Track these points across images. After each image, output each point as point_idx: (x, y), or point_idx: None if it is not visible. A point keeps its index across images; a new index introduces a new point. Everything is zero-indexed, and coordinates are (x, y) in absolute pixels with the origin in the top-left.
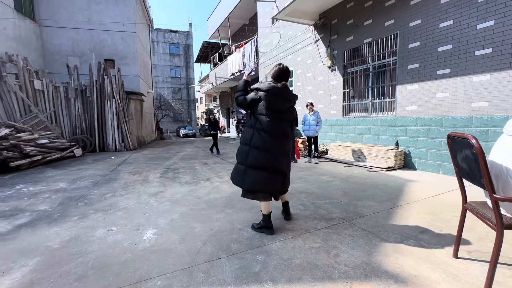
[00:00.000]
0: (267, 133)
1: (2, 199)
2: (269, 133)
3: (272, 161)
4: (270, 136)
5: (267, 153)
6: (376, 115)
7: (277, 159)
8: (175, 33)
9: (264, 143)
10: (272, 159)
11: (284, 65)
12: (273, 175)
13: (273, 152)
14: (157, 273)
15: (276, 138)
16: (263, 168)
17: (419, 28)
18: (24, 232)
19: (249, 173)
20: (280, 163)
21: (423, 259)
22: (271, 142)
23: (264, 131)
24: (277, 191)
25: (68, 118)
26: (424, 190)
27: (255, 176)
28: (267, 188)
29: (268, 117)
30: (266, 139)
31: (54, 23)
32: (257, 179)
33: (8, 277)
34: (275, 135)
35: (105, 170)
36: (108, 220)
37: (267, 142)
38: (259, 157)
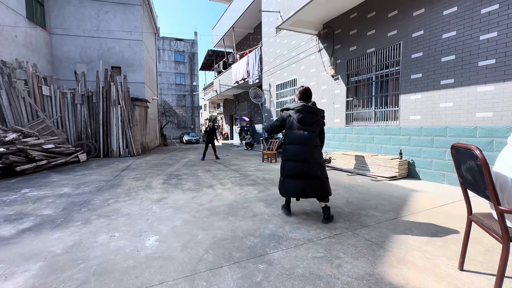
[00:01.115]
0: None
1: (7, 203)
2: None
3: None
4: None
5: (291, 162)
6: (380, 124)
7: (298, 166)
8: (181, 41)
9: (289, 154)
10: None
11: (306, 86)
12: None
13: (296, 160)
14: (158, 281)
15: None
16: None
17: (422, 39)
18: (27, 236)
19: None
20: (300, 169)
21: (428, 271)
22: (295, 152)
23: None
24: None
25: (74, 123)
26: (428, 201)
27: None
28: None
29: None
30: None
31: (63, 31)
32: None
33: (11, 282)
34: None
35: (108, 175)
36: (111, 226)
37: (292, 152)
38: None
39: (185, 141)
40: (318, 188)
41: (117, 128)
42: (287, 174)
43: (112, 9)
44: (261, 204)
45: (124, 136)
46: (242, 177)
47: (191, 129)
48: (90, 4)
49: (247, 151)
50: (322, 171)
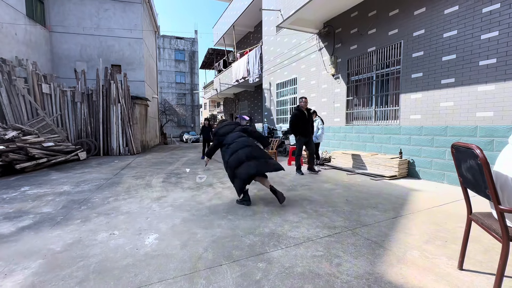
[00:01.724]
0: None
1: (6, 201)
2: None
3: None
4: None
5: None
6: (380, 123)
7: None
8: (181, 39)
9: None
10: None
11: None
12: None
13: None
14: (158, 279)
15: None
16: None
17: (423, 38)
18: (27, 234)
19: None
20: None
21: (428, 271)
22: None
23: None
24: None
25: (74, 121)
26: (428, 200)
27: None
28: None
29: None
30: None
31: (63, 29)
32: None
33: (10, 279)
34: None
35: (108, 174)
36: (111, 224)
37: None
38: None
39: (185, 139)
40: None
41: (117, 126)
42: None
43: (112, 7)
44: (260, 202)
45: (124, 134)
46: None
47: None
48: (90, 2)
49: None
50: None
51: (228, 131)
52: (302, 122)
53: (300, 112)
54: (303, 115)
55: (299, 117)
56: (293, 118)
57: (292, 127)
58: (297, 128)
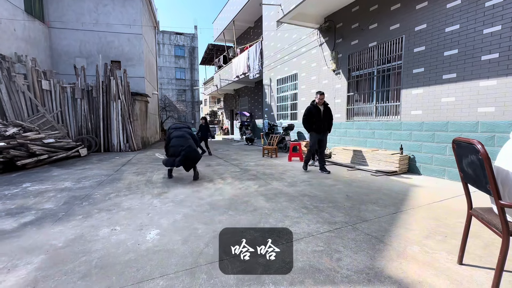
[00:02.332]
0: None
1: (8, 197)
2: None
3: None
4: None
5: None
6: (381, 119)
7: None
8: (181, 35)
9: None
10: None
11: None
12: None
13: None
14: (159, 274)
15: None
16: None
17: (424, 33)
18: (29, 230)
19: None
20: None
21: (427, 265)
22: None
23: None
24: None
25: (74, 118)
26: (428, 196)
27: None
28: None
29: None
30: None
31: (62, 25)
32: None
33: (14, 274)
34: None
35: (109, 170)
36: (112, 219)
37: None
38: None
39: None
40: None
41: (118, 122)
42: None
43: (111, 2)
44: (261, 198)
45: (124, 130)
46: (242, 172)
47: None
48: None
49: (247, 146)
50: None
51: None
52: (316, 118)
53: (314, 107)
54: (317, 111)
55: (312, 113)
56: (305, 113)
57: (304, 122)
58: (309, 123)
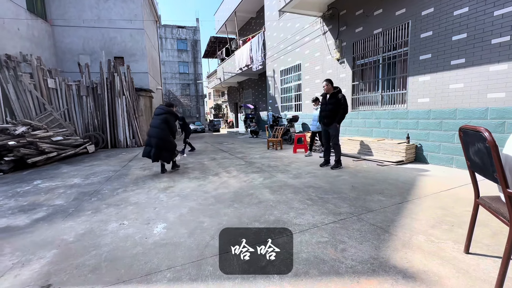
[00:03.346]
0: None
1: (20, 194)
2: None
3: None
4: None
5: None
6: (387, 108)
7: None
8: (183, 28)
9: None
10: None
11: (168, 101)
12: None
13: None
14: (166, 266)
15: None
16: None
17: (432, 17)
18: (41, 225)
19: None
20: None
21: (433, 255)
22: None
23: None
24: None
25: (81, 115)
26: (435, 185)
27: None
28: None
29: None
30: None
31: (65, 22)
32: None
33: (28, 268)
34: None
35: (116, 166)
36: (120, 214)
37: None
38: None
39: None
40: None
41: (123, 119)
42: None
43: None
44: (266, 191)
45: (130, 126)
46: (247, 165)
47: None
48: None
49: (252, 139)
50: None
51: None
52: (321, 108)
53: (322, 96)
54: (323, 100)
55: (321, 103)
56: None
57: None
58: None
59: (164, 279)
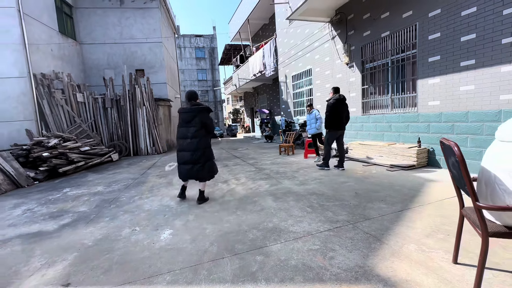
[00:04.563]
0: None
1: (52, 202)
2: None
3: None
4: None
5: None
6: (397, 112)
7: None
8: (200, 37)
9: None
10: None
11: (190, 90)
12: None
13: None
14: (167, 270)
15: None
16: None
17: (439, 18)
18: (66, 231)
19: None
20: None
21: (420, 264)
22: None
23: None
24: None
25: (106, 126)
26: (442, 191)
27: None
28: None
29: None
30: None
31: (91, 40)
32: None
33: (52, 269)
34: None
35: (136, 173)
36: (134, 221)
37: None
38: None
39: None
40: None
41: (144, 128)
42: (179, 161)
43: (132, 15)
44: (269, 198)
45: (150, 135)
46: (256, 171)
47: (215, 123)
48: (113, 12)
49: (266, 144)
50: (203, 157)
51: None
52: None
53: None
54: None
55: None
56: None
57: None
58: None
59: (163, 282)
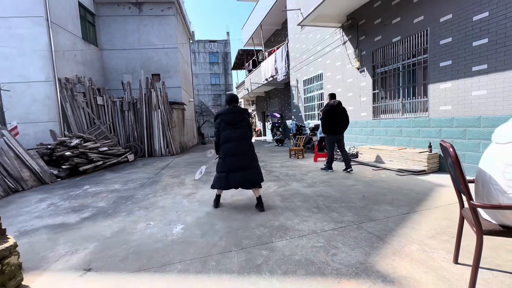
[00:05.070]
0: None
1: (73, 197)
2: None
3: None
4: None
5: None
6: (408, 116)
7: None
8: (214, 42)
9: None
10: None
11: (231, 93)
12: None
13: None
14: (179, 260)
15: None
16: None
17: (450, 23)
18: (87, 223)
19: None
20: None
21: (420, 263)
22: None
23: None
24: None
25: (123, 128)
26: (451, 196)
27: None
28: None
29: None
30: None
31: (111, 46)
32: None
33: (76, 256)
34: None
35: (150, 173)
36: (148, 216)
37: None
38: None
39: None
40: (254, 177)
41: (158, 130)
42: (229, 169)
43: (150, 22)
44: (277, 198)
45: (164, 137)
46: (266, 174)
47: None
48: (132, 19)
49: (277, 147)
50: (256, 161)
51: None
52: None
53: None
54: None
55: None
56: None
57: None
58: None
59: (175, 270)
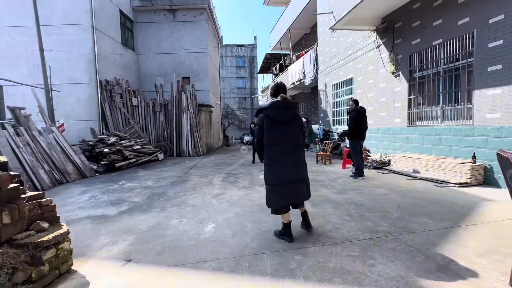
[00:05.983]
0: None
1: (111, 191)
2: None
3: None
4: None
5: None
6: (449, 124)
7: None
8: (241, 46)
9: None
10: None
11: (278, 81)
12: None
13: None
14: (212, 258)
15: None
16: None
17: (501, 24)
18: (125, 216)
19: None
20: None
21: (470, 283)
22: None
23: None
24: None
25: (154, 128)
26: (500, 211)
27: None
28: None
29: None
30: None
31: (147, 51)
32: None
33: (116, 246)
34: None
35: (180, 172)
36: (180, 213)
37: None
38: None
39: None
40: (305, 191)
41: (187, 131)
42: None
43: (183, 28)
44: (307, 204)
45: (192, 138)
46: None
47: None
48: (166, 25)
49: None
50: (307, 172)
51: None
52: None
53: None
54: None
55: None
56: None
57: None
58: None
59: (209, 267)
